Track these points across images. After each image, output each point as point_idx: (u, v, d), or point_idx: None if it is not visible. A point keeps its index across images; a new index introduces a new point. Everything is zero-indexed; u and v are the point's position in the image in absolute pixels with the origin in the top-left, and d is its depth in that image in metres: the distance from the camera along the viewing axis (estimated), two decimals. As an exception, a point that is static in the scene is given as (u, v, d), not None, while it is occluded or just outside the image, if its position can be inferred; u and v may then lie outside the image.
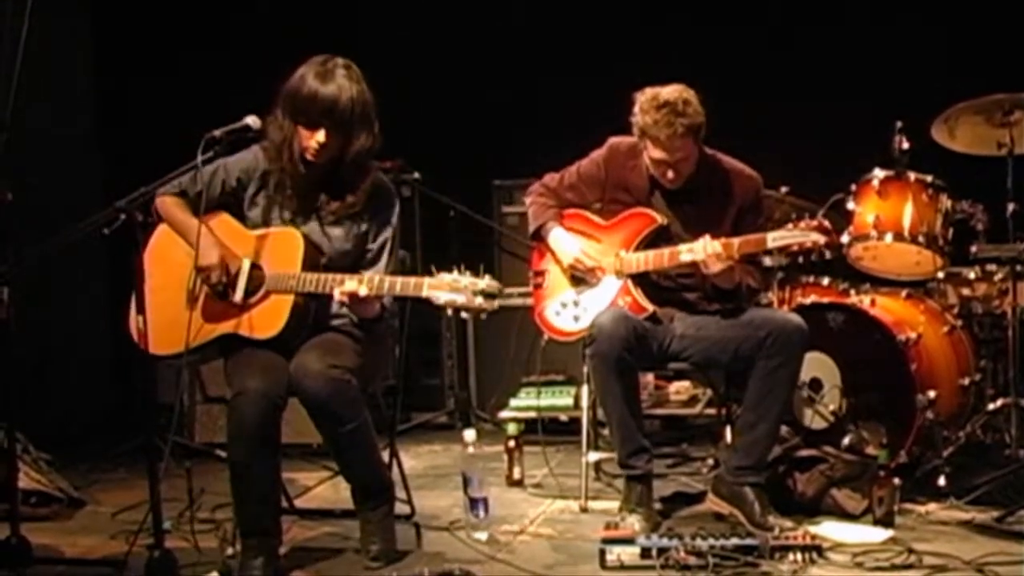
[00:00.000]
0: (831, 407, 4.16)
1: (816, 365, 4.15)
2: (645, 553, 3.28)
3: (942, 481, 3.97)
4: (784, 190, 4.62)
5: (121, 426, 5.26)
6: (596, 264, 3.87)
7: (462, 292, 3.17)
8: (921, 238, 4.26)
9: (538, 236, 4.04)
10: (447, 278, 3.20)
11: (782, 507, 3.69)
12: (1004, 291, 4.38)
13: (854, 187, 4.38)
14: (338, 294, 3.28)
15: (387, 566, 3.39)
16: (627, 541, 3.33)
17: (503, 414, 5.29)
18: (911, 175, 4.29)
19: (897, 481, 3.69)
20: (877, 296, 4.39)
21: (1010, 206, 4.14)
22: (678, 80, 3.72)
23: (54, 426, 4.91)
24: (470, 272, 3.21)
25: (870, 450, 3.95)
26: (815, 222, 3.65)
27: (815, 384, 4.19)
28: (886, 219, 4.28)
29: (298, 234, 3.42)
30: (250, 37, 6.16)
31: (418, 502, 3.91)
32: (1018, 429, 4.08)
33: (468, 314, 3.24)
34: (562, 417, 5.26)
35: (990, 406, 4.24)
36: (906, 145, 4.29)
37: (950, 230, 4.34)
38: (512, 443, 4.44)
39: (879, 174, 4.32)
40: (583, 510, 4.01)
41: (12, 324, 3.31)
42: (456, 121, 6.02)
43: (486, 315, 3.23)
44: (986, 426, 4.29)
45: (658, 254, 3.77)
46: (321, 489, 4.33)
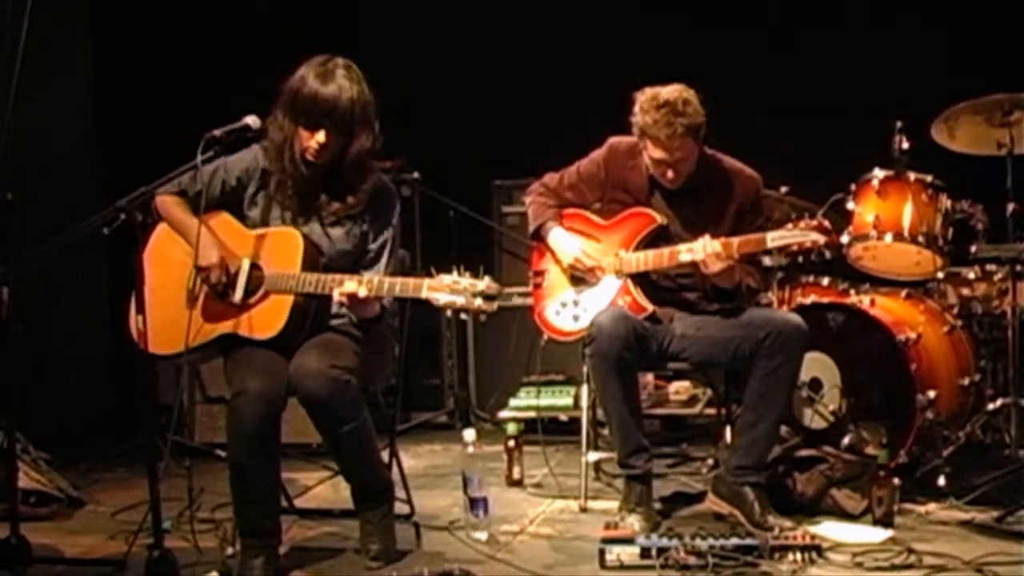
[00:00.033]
0: (831, 407, 4.16)
1: (816, 365, 4.15)
2: (645, 553, 3.28)
3: (942, 481, 3.97)
4: (784, 190, 4.62)
5: (121, 426, 5.26)
6: (596, 264, 3.87)
7: (461, 294, 3.17)
8: (921, 238, 4.26)
9: (538, 236, 4.04)
10: (447, 279, 3.19)
11: (782, 507, 3.69)
12: (1004, 291, 4.38)
13: (854, 187, 4.38)
14: (337, 295, 3.28)
15: (387, 566, 3.39)
16: (627, 541, 3.33)
17: (503, 414, 5.30)
18: (911, 175, 4.29)
19: (897, 481, 3.70)
20: (877, 296, 4.39)
21: (1010, 206, 4.14)
22: (678, 80, 3.72)
23: (54, 426, 4.90)
24: (469, 273, 3.20)
25: (870, 450, 3.95)
26: (815, 222, 3.64)
27: (815, 384, 4.19)
28: (886, 219, 4.28)
29: (298, 234, 3.41)
30: (250, 37, 6.17)
31: (418, 502, 3.91)
32: (1018, 429, 4.08)
33: (468, 315, 3.23)
34: (562, 417, 5.26)
35: (990, 406, 4.24)
36: (906, 145, 4.30)
37: (950, 230, 4.33)
38: (512, 443, 4.44)
39: (879, 174, 4.32)
40: (583, 510, 4.01)
41: (12, 324, 3.31)
42: (456, 121, 6.02)
43: (486, 316, 3.23)
44: (986, 426, 4.29)
45: (658, 254, 3.78)
46: (321, 489, 4.33)
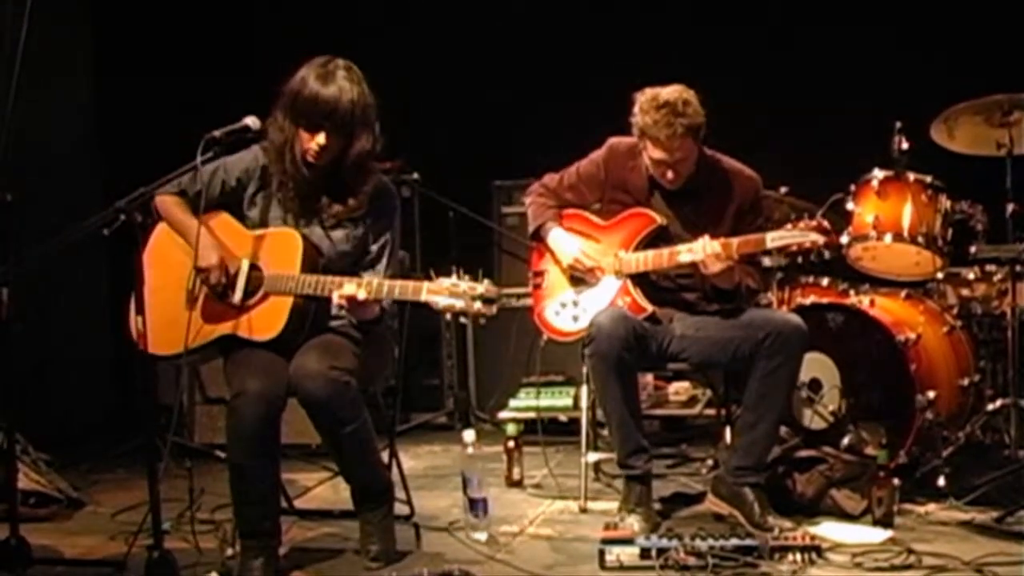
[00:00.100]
0: (830, 407, 4.16)
1: (816, 365, 4.15)
2: (644, 554, 3.28)
3: (941, 481, 3.97)
4: (784, 190, 4.62)
5: (121, 427, 5.27)
6: (595, 264, 3.87)
7: (461, 297, 3.16)
8: (920, 238, 4.26)
9: (537, 236, 4.04)
10: (446, 283, 3.18)
11: (781, 507, 3.69)
12: (1003, 291, 4.37)
13: (853, 187, 4.37)
14: (336, 298, 3.27)
15: (386, 567, 3.39)
16: (626, 541, 3.33)
17: (502, 414, 5.30)
18: (910, 175, 4.29)
19: (896, 481, 3.70)
20: (876, 296, 4.39)
21: (1009, 206, 4.15)
22: (678, 80, 3.72)
23: (54, 426, 4.90)
24: (469, 276, 3.20)
25: (869, 450, 3.95)
26: (814, 222, 3.64)
27: (815, 384, 4.19)
28: (885, 219, 4.28)
29: (297, 235, 3.41)
30: (250, 37, 6.17)
31: (418, 502, 3.91)
32: (1017, 429, 4.08)
33: (467, 318, 3.23)
34: (561, 417, 5.26)
35: (989, 406, 4.23)
36: (905, 145, 4.29)
37: (949, 230, 4.33)
38: (511, 443, 4.44)
39: (878, 174, 4.31)
40: (582, 510, 4.01)
41: (12, 324, 3.31)
42: (456, 121, 6.02)
43: (485, 320, 3.23)
44: (985, 426, 4.29)
45: (657, 254, 3.78)
46: (321, 490, 4.33)
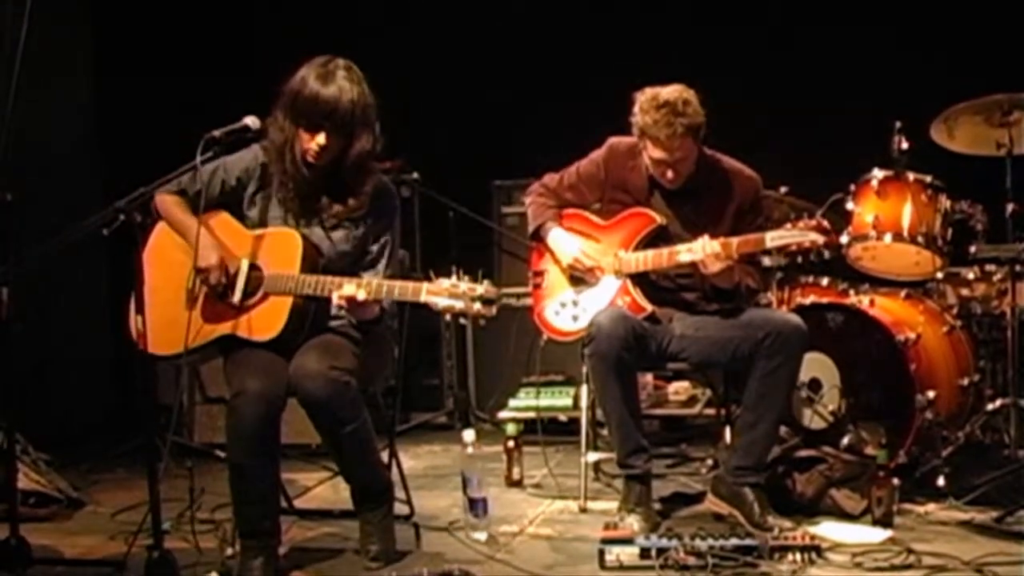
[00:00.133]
0: (830, 407, 4.16)
1: (815, 365, 4.15)
2: (644, 553, 3.28)
3: (941, 481, 3.97)
4: (783, 190, 4.62)
5: (121, 426, 5.26)
6: (595, 264, 3.87)
7: (460, 298, 3.16)
8: (920, 238, 4.26)
9: (537, 236, 4.04)
10: (445, 283, 3.18)
11: (781, 507, 3.69)
12: (1003, 291, 4.37)
13: (853, 187, 4.37)
14: (336, 298, 3.27)
15: (386, 566, 3.39)
16: (626, 541, 3.33)
17: (502, 414, 5.30)
18: (910, 175, 4.29)
19: (896, 481, 3.70)
20: (876, 296, 4.39)
21: (1009, 206, 4.15)
22: (678, 80, 3.72)
23: (54, 426, 4.90)
24: (468, 277, 3.20)
25: (869, 450, 3.96)
26: (814, 222, 3.64)
27: (814, 384, 4.19)
28: (885, 219, 4.28)
29: (297, 235, 3.41)
30: (250, 37, 6.17)
31: (417, 502, 3.91)
32: (1017, 429, 4.08)
33: (467, 319, 3.23)
34: (561, 417, 5.26)
35: (989, 406, 4.23)
36: (905, 145, 4.29)
37: (949, 230, 4.33)
38: (511, 443, 4.44)
39: (878, 174, 4.31)
40: (582, 510, 4.01)
41: (12, 324, 3.31)
42: (456, 121, 6.02)
43: (485, 321, 3.23)
44: (985, 426, 4.29)
45: (657, 254, 3.78)
46: (321, 489, 4.33)
